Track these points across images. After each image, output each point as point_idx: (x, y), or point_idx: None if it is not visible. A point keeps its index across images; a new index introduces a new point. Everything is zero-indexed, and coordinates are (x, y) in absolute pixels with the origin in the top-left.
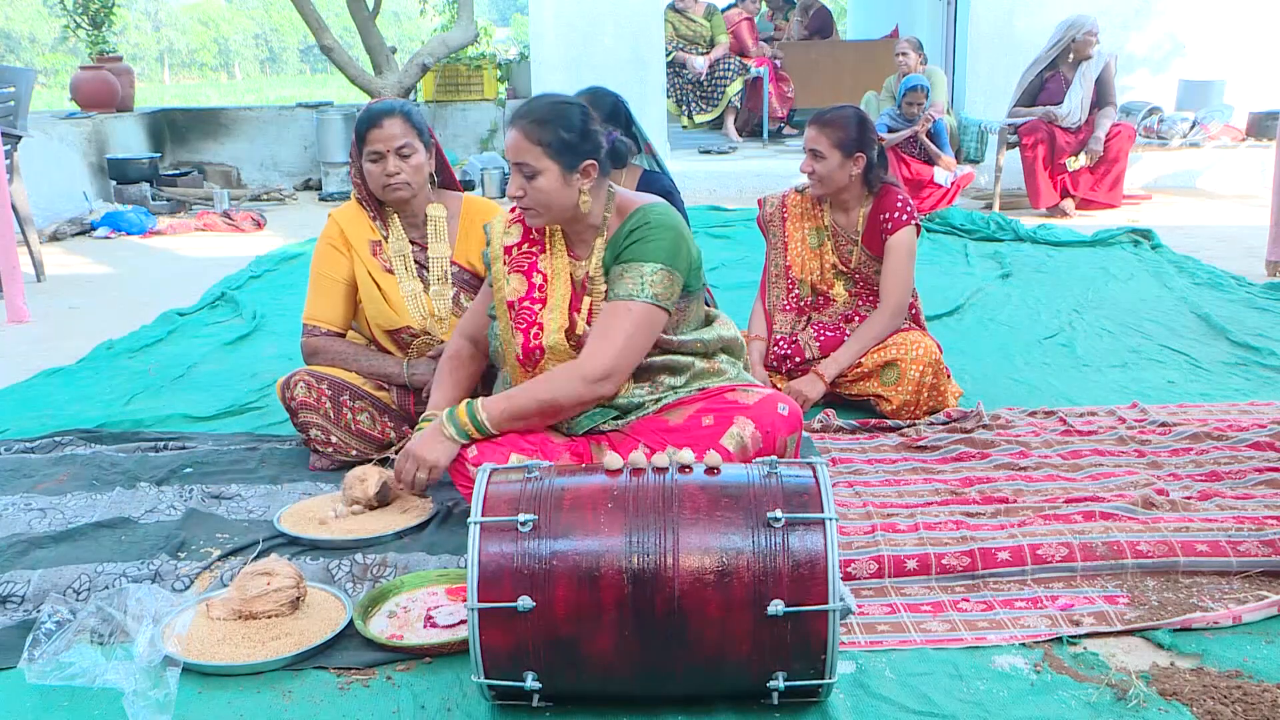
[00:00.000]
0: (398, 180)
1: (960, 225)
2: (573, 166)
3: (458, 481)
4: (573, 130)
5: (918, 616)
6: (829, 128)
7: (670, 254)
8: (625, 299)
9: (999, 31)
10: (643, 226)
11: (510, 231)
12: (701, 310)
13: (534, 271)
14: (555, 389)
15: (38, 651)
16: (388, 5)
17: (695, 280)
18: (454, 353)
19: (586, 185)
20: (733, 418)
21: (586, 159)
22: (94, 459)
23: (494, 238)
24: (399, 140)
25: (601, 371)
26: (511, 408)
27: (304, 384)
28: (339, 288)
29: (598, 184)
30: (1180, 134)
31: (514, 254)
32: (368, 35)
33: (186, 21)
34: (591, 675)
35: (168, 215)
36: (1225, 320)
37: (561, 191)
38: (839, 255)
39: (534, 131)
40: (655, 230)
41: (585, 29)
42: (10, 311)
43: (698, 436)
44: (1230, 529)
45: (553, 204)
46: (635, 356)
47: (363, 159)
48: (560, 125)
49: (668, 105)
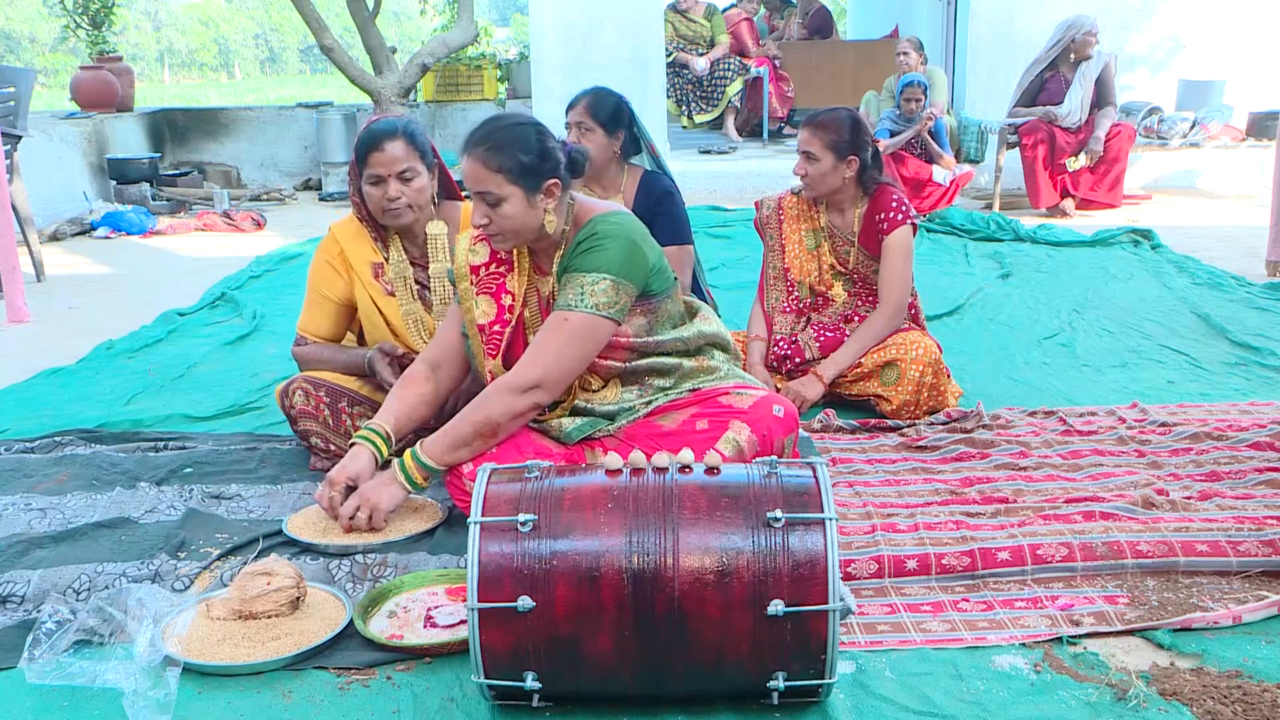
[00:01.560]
0: (398, 205)
1: (960, 225)
2: (535, 188)
3: (454, 494)
4: (531, 152)
5: (918, 616)
6: (822, 130)
7: (618, 263)
8: (563, 309)
9: (999, 31)
10: (591, 237)
11: (476, 250)
12: (678, 308)
13: (502, 292)
14: (487, 407)
15: (38, 651)
16: (388, 5)
17: (660, 283)
18: (409, 374)
19: (551, 205)
20: (728, 422)
21: (549, 178)
22: (94, 459)
23: (459, 256)
24: (401, 165)
25: (528, 381)
26: (450, 439)
27: (302, 392)
28: (333, 307)
29: (560, 200)
30: (1180, 134)
31: (481, 274)
32: (368, 35)
33: (186, 21)
34: (591, 675)
35: (168, 215)
36: (1225, 320)
37: (527, 214)
38: (836, 256)
39: (492, 158)
40: (602, 240)
41: (585, 29)
42: (10, 311)
43: (692, 441)
44: (1230, 529)
45: (519, 228)
46: (571, 365)
47: (362, 180)
48: (518, 149)
49: (668, 105)
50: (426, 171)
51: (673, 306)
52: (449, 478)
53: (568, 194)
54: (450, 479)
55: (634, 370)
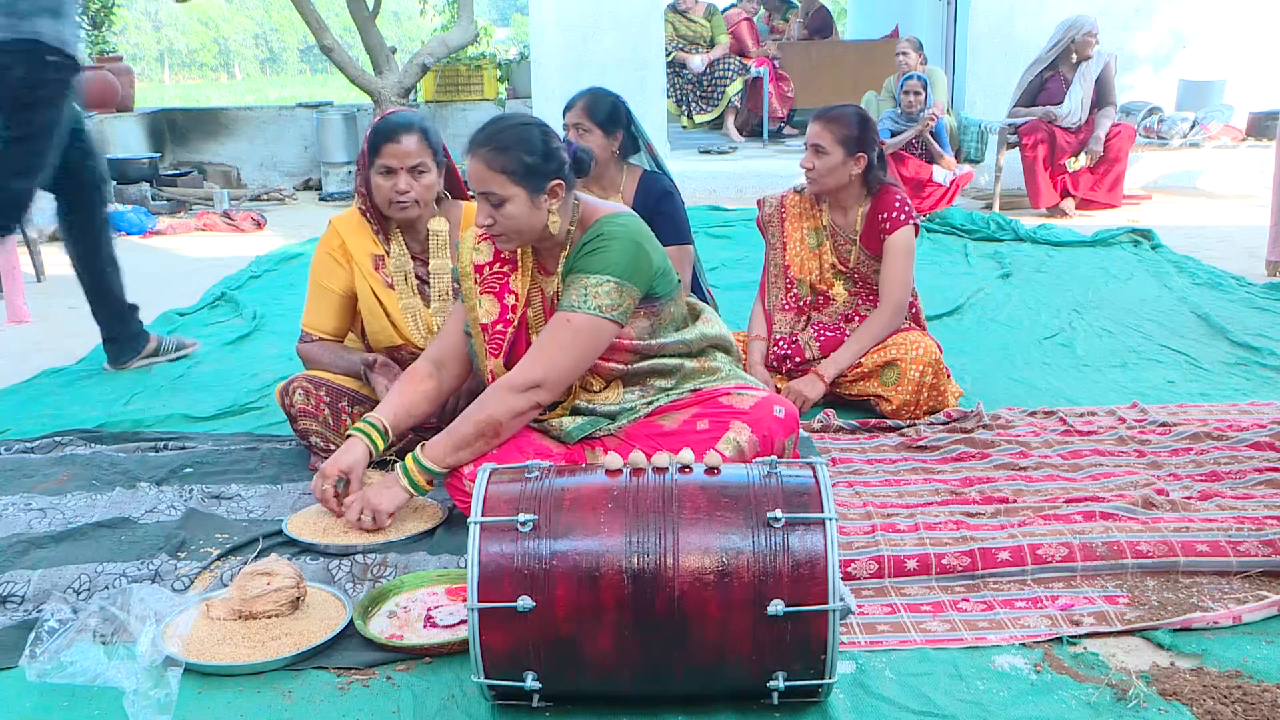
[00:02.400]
0: (406, 199)
1: (960, 225)
2: (539, 189)
3: (453, 495)
4: (535, 153)
5: (918, 616)
6: (834, 124)
7: (622, 265)
8: (566, 310)
9: (999, 31)
10: (596, 238)
11: (480, 249)
12: (682, 310)
13: (506, 292)
14: (489, 406)
15: (39, 649)
16: (388, 5)
17: (664, 285)
18: (411, 370)
19: (555, 205)
20: (729, 422)
21: (552, 179)
22: (94, 459)
23: (464, 254)
24: (414, 159)
25: (529, 380)
26: (453, 440)
27: (302, 391)
28: (335, 298)
29: (564, 201)
30: (1180, 134)
31: (485, 274)
32: (368, 35)
33: (186, 21)
34: (591, 675)
35: (168, 215)
36: (1225, 320)
37: (530, 215)
38: (838, 255)
39: (496, 159)
40: (607, 242)
41: (585, 29)
42: (10, 311)
43: (693, 441)
44: (1230, 529)
45: (523, 229)
46: (572, 366)
47: (372, 170)
48: (522, 149)
49: (668, 105)
50: (436, 169)
51: (676, 309)
52: (449, 479)
53: (572, 194)
54: (450, 480)
55: (636, 372)
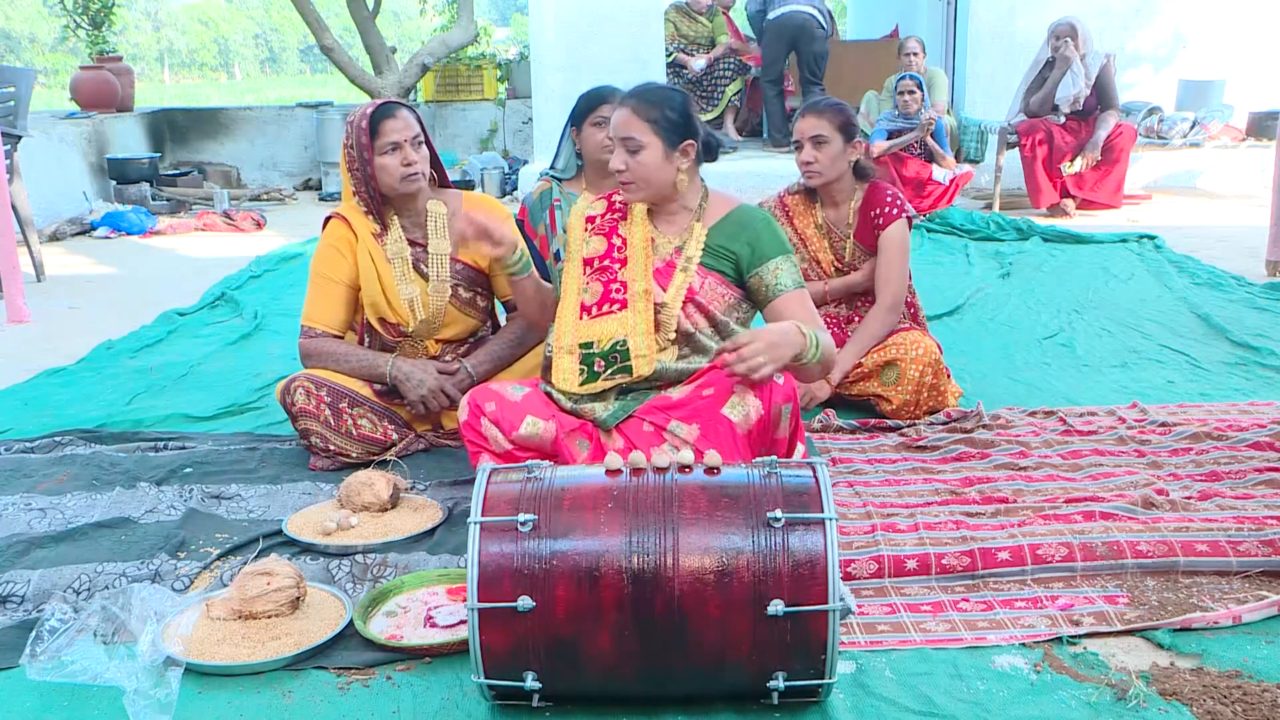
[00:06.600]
0: (416, 169)
1: (960, 225)
2: (674, 144)
3: (466, 436)
4: (676, 110)
5: (918, 616)
6: (828, 112)
7: (786, 243)
8: (795, 288)
9: (999, 31)
10: (762, 221)
11: (595, 205)
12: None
13: (614, 234)
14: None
15: (40, 649)
16: (388, 5)
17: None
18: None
19: (685, 164)
20: (732, 387)
21: (687, 139)
22: (94, 459)
23: (575, 211)
24: (414, 130)
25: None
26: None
27: (303, 390)
28: (339, 290)
29: (694, 167)
30: (1180, 134)
31: (597, 221)
32: (368, 35)
33: (186, 21)
34: (591, 675)
35: (168, 215)
36: (1225, 320)
37: (662, 167)
38: (834, 252)
39: (643, 109)
40: (770, 224)
41: (585, 29)
42: (10, 311)
43: (699, 408)
44: (1230, 529)
45: (652, 179)
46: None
47: (375, 153)
48: (667, 106)
49: None
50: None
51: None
52: (464, 421)
53: (699, 166)
54: (465, 423)
55: (697, 338)
